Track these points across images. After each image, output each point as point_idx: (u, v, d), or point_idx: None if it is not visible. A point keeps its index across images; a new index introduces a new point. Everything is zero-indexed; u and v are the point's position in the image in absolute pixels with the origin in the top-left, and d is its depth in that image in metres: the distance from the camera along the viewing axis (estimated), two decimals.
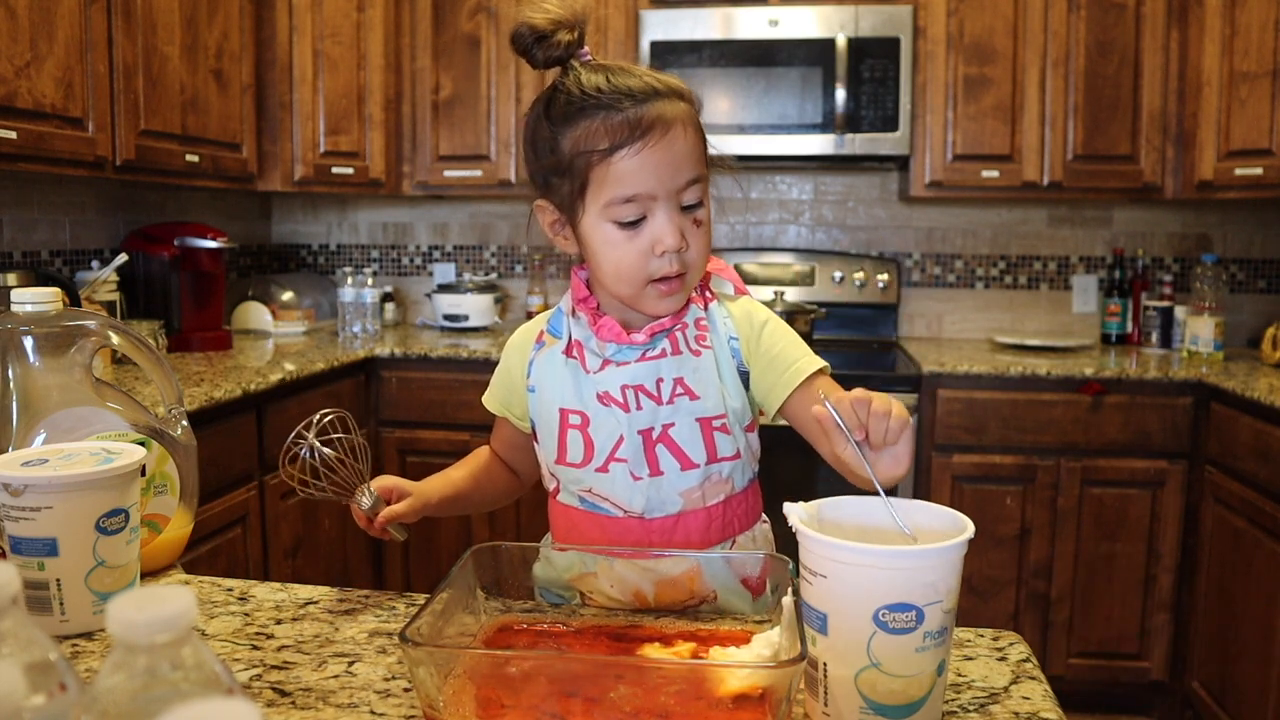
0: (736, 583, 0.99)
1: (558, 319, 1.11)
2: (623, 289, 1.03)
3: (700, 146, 1.02)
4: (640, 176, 0.97)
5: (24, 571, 0.83)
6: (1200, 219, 3.27)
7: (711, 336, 1.07)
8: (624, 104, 0.97)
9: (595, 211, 1.00)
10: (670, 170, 0.98)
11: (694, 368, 1.05)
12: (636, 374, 1.04)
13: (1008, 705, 0.76)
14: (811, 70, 2.94)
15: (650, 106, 0.97)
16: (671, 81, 1.01)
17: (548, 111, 1.01)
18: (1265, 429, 2.30)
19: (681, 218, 1.00)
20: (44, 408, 0.98)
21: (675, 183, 0.98)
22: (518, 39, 1.00)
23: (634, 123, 0.96)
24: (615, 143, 0.96)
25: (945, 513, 0.77)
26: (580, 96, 0.98)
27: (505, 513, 2.92)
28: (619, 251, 1.00)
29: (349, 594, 0.99)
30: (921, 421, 2.74)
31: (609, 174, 0.97)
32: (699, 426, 1.04)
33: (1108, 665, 2.75)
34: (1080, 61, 2.91)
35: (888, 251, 3.42)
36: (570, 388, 1.06)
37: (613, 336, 1.04)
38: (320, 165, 3.02)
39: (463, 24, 3.16)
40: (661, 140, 0.97)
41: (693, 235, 1.01)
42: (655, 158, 0.97)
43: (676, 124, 0.98)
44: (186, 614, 0.46)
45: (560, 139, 0.99)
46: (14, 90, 1.95)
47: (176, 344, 2.70)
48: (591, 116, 0.98)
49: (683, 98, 1.01)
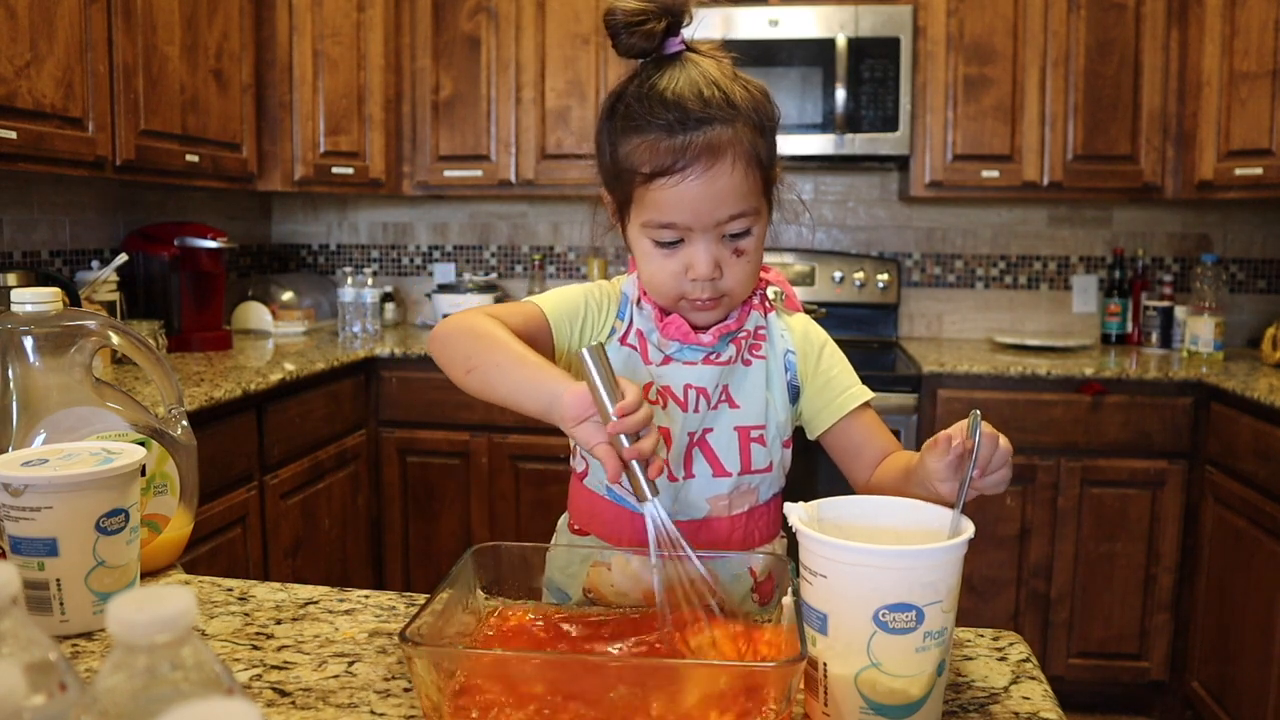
0: (748, 590, 0.98)
1: (624, 304, 1.08)
2: (657, 298, 1.03)
3: (754, 179, 0.96)
4: (677, 208, 0.95)
5: (24, 571, 0.83)
6: (1200, 219, 3.27)
7: (766, 347, 1.06)
8: (675, 129, 0.93)
9: (637, 224, 0.99)
10: (710, 205, 0.94)
11: (741, 376, 1.05)
12: (703, 376, 1.03)
13: (1008, 705, 0.76)
14: (811, 70, 2.94)
15: (700, 134, 0.93)
16: (742, 99, 0.96)
17: (611, 115, 0.99)
18: (1265, 429, 2.30)
19: (720, 247, 0.97)
20: (44, 408, 0.98)
21: (714, 217, 0.95)
22: (609, 22, 0.95)
23: (679, 151, 0.93)
24: (656, 169, 0.94)
25: (945, 512, 0.77)
26: (636, 109, 0.95)
27: (505, 513, 2.92)
28: (654, 266, 1.00)
29: (349, 594, 0.99)
30: (921, 421, 2.74)
31: (648, 197, 0.96)
32: (736, 435, 1.04)
33: (1108, 665, 2.75)
34: (1080, 61, 2.91)
35: (888, 251, 3.42)
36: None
37: (679, 335, 1.03)
38: (320, 165, 3.02)
39: (463, 24, 3.16)
40: (704, 174, 0.93)
41: (730, 265, 0.98)
42: (695, 191, 0.93)
43: (726, 156, 0.93)
44: (186, 614, 0.46)
45: (616, 147, 0.98)
46: (14, 90, 1.95)
47: (176, 344, 2.70)
48: (642, 134, 0.95)
49: (747, 120, 0.95)
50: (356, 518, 2.85)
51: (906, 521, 0.78)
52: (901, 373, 2.77)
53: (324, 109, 3.00)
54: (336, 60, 3.01)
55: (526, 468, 2.89)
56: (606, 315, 1.08)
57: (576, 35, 3.10)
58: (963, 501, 0.79)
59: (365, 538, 2.91)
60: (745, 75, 1.01)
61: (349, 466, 2.80)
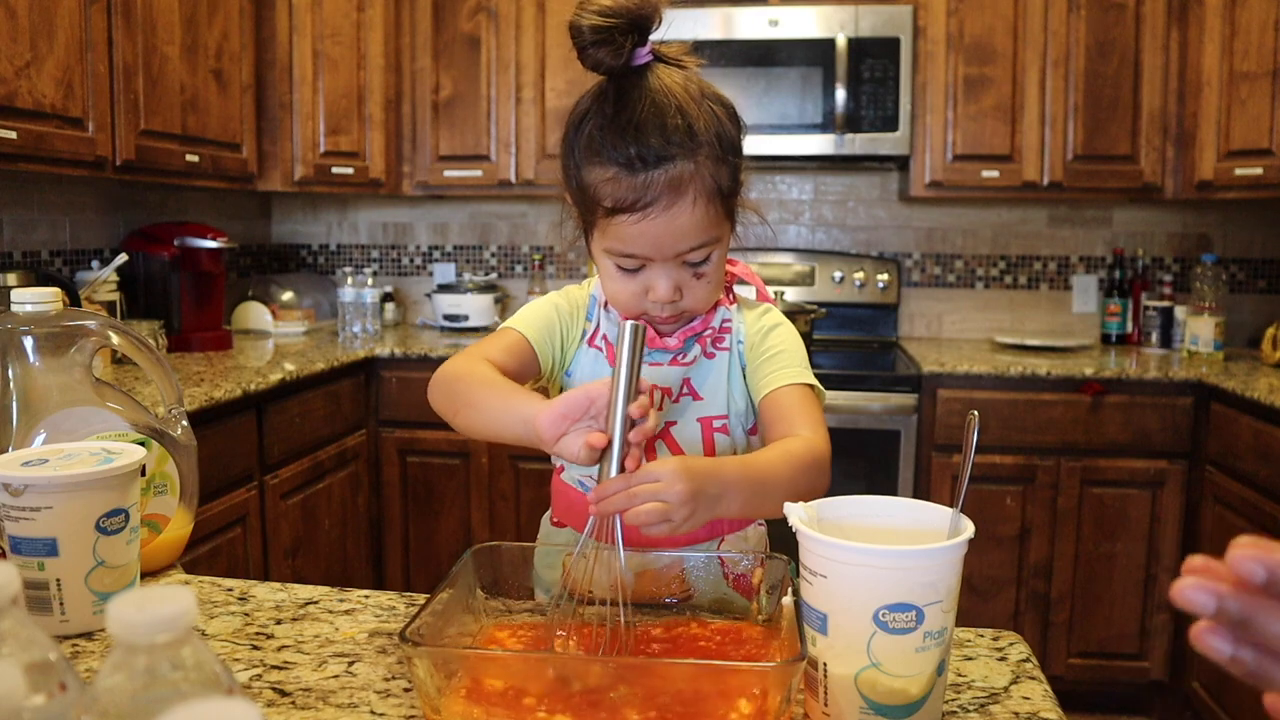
0: (723, 581, 0.99)
1: (592, 306, 1.11)
2: (619, 311, 1.05)
3: (713, 210, 0.96)
4: (638, 242, 0.96)
5: (24, 571, 0.83)
6: (1200, 219, 3.27)
7: (730, 339, 1.09)
8: (635, 166, 0.93)
9: (599, 247, 1.01)
10: (670, 240, 0.96)
11: (705, 370, 1.07)
12: (668, 376, 1.05)
13: (1008, 705, 0.76)
14: (811, 70, 2.94)
15: (661, 172, 0.93)
16: (705, 129, 0.95)
17: (577, 133, 0.99)
18: (1265, 429, 2.30)
19: (681, 272, 0.99)
20: (44, 408, 0.98)
21: (674, 250, 0.97)
22: (576, 36, 0.94)
23: (640, 189, 0.93)
24: (617, 205, 0.94)
25: (945, 512, 0.77)
26: (599, 140, 0.95)
27: (505, 513, 2.92)
28: (615, 285, 1.02)
29: (349, 594, 0.99)
30: (921, 421, 2.74)
31: (609, 228, 0.97)
32: (700, 426, 1.06)
33: (1108, 665, 2.75)
34: (1080, 61, 2.91)
35: (888, 251, 3.42)
36: (589, 378, 1.08)
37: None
38: (320, 165, 3.02)
39: (463, 24, 3.16)
40: (665, 213, 0.94)
41: (690, 286, 1.00)
42: (657, 229, 0.94)
43: (687, 194, 0.94)
44: (186, 614, 0.46)
45: (580, 169, 0.98)
46: (14, 90, 1.94)
47: (176, 344, 2.70)
48: (604, 167, 0.95)
49: (711, 152, 0.95)
50: (356, 518, 2.85)
51: (906, 521, 0.78)
52: (901, 373, 2.77)
53: (324, 109, 3.00)
54: (336, 60, 3.01)
55: (526, 468, 2.89)
56: (577, 319, 1.11)
57: None
58: (962, 501, 0.79)
59: (365, 538, 2.91)
60: (711, 88, 1.00)
61: (349, 466, 2.80)
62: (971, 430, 0.80)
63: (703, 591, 0.97)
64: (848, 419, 2.72)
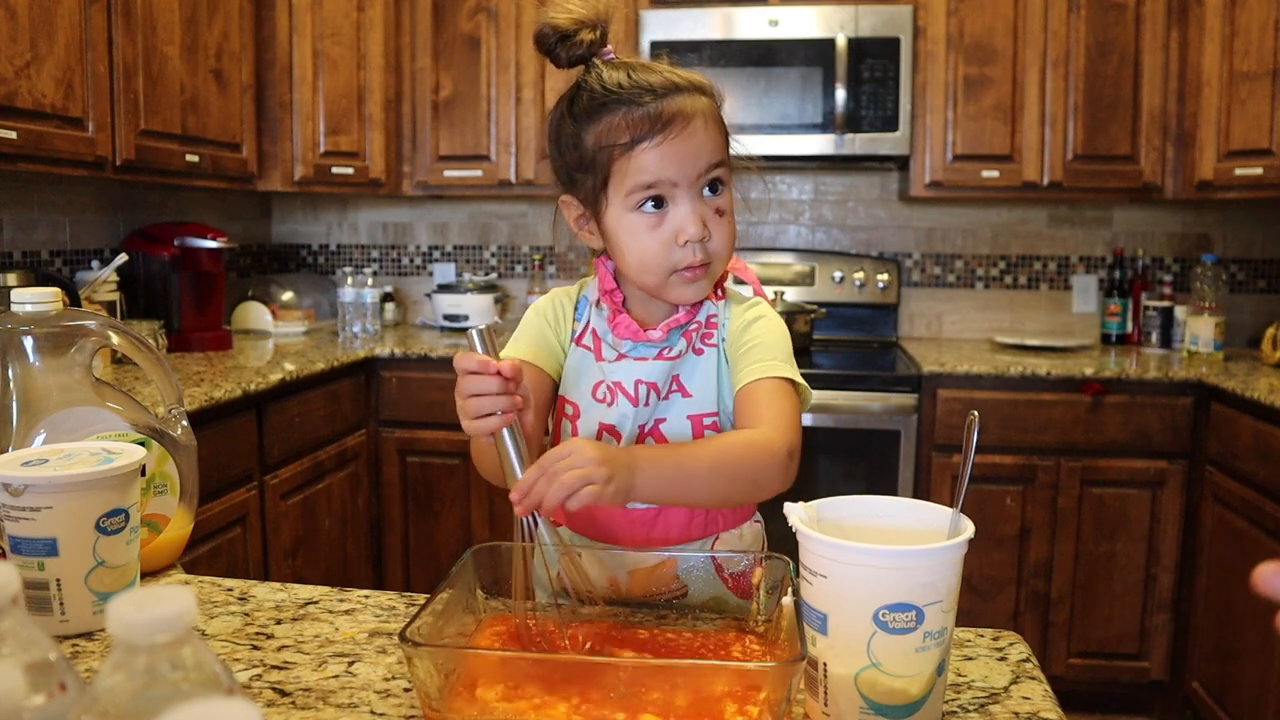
0: (717, 580, 0.99)
1: (583, 306, 1.12)
2: (647, 278, 1.04)
3: (721, 139, 1.03)
4: (661, 165, 0.99)
5: (24, 571, 0.83)
6: (1200, 219, 3.27)
7: (717, 335, 1.09)
8: (644, 99, 0.99)
9: (618, 203, 1.01)
10: (691, 159, 0.99)
11: (693, 366, 1.07)
12: (654, 371, 1.06)
13: (1008, 705, 0.76)
14: (811, 70, 2.94)
15: (670, 101, 0.99)
16: (693, 77, 1.03)
17: (571, 109, 1.03)
18: (1265, 429, 2.30)
19: (704, 206, 1.01)
20: (44, 408, 0.98)
21: (695, 169, 1.00)
22: (541, 39, 1.01)
23: (654, 116, 0.98)
24: (636, 135, 0.98)
25: (945, 512, 0.77)
26: (602, 93, 1.00)
27: (505, 513, 2.92)
28: (642, 242, 1.01)
29: (349, 594, 0.99)
30: (921, 421, 2.74)
31: (630, 165, 0.99)
32: (689, 423, 1.06)
33: (1108, 665, 2.75)
34: (1080, 61, 2.91)
35: (888, 251, 3.42)
36: (571, 378, 1.08)
37: (629, 334, 1.06)
38: (320, 165, 3.02)
39: (463, 24, 3.16)
40: (682, 132, 0.99)
41: (715, 225, 1.02)
42: (675, 148, 0.98)
43: (697, 117, 1.00)
44: (186, 614, 0.46)
45: (583, 135, 1.01)
46: (14, 90, 1.95)
47: (176, 344, 2.70)
48: (613, 112, 0.99)
49: (704, 92, 1.03)
50: (356, 518, 2.85)
51: (906, 521, 0.78)
52: (901, 373, 2.77)
53: (324, 109, 3.00)
54: (336, 60, 3.01)
55: None
56: (564, 322, 1.11)
57: None
58: (962, 501, 0.79)
59: (365, 538, 2.91)
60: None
61: (349, 466, 2.80)
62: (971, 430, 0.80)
63: (698, 590, 0.97)
64: (848, 419, 2.72)
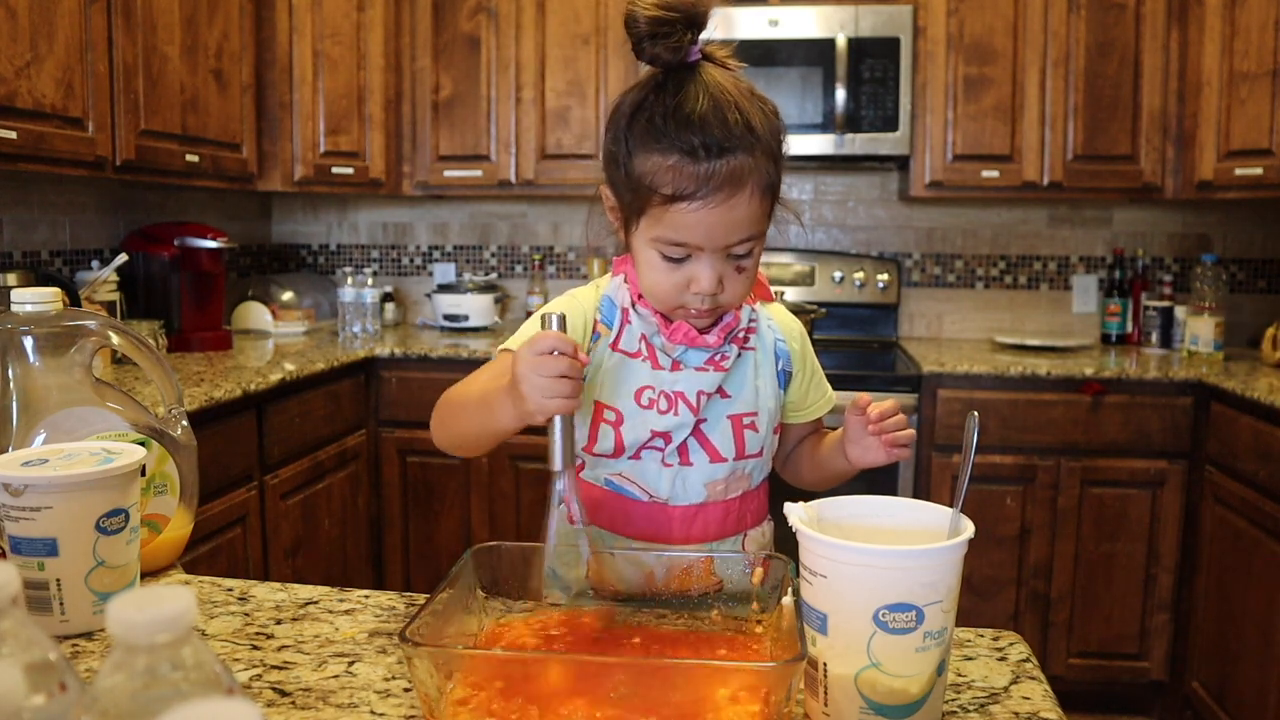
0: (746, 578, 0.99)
1: (609, 309, 1.09)
2: (655, 304, 1.05)
3: (765, 207, 0.99)
4: (692, 230, 0.96)
5: (24, 571, 0.83)
6: (1200, 219, 3.27)
7: (755, 338, 1.10)
8: (699, 154, 0.94)
9: (645, 236, 1.00)
10: (724, 231, 0.96)
11: (734, 368, 1.08)
12: (713, 381, 1.06)
13: (1008, 705, 0.76)
14: (811, 70, 2.94)
15: (724, 163, 0.94)
16: (762, 126, 0.97)
17: (633, 120, 0.98)
18: (1265, 429, 2.30)
19: (724, 265, 1.00)
20: (44, 408, 0.98)
21: (726, 240, 0.97)
22: (632, 28, 0.94)
23: (703, 179, 0.94)
24: (678, 193, 0.95)
25: (945, 512, 0.77)
26: (661, 126, 0.95)
27: (505, 513, 2.92)
28: (656, 276, 1.01)
29: (349, 594, 0.99)
30: (921, 421, 2.74)
31: (665, 215, 0.97)
32: (730, 423, 1.07)
33: (1108, 665, 2.75)
34: (1080, 61, 2.91)
35: (888, 251, 3.42)
36: (610, 383, 1.06)
37: (685, 340, 1.05)
38: (320, 165, 3.02)
39: (463, 24, 3.16)
40: (724, 204, 0.95)
41: (731, 280, 1.01)
42: (713, 218, 0.95)
43: (746, 186, 0.95)
44: (186, 614, 0.46)
45: (634, 156, 0.98)
46: (14, 90, 1.94)
47: (176, 344, 2.70)
48: (665, 154, 0.95)
49: (768, 149, 0.97)
50: (356, 518, 2.85)
51: (906, 521, 0.78)
52: (901, 373, 2.77)
53: (324, 109, 3.00)
54: (336, 60, 3.01)
55: (526, 468, 2.89)
56: (584, 328, 1.09)
57: (577, 35, 3.10)
58: (962, 501, 0.79)
59: (365, 538, 2.91)
60: (756, 89, 1.02)
61: (349, 466, 2.80)
62: (971, 430, 0.80)
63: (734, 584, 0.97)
64: None
